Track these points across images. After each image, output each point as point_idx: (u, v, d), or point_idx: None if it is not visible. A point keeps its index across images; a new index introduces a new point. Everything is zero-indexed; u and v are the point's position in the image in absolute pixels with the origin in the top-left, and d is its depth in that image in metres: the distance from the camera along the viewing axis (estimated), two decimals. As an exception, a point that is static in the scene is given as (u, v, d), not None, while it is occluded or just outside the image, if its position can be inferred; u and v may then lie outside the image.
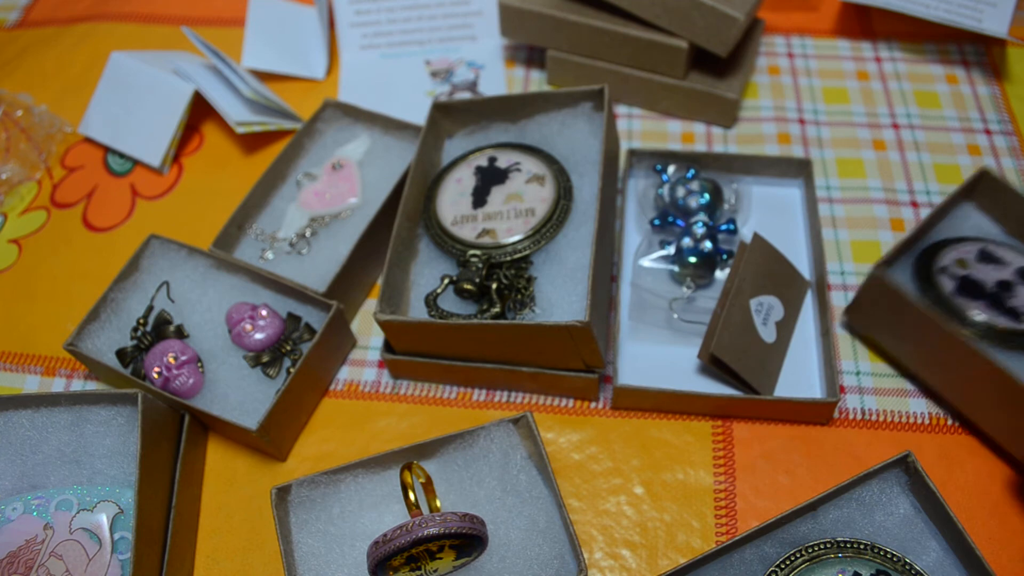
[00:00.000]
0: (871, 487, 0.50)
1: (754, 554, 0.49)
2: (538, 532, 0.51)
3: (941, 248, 0.60)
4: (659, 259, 0.66)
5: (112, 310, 0.63)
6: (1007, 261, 0.59)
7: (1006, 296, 0.57)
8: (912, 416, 0.60)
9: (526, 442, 0.54)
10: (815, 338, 0.63)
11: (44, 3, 0.98)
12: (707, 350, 0.58)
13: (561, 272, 0.60)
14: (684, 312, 0.63)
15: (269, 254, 0.68)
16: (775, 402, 0.58)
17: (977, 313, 0.56)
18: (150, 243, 0.65)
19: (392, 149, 0.74)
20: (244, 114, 0.77)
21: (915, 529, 0.49)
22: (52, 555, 0.50)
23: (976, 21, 0.79)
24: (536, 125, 0.69)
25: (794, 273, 0.65)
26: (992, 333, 0.55)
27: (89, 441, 0.55)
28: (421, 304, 0.61)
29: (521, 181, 0.64)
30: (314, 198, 0.71)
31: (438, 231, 0.63)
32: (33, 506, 0.51)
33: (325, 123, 0.76)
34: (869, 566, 0.47)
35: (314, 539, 0.51)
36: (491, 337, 0.56)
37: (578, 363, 0.58)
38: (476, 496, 0.53)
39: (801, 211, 0.71)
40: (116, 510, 0.51)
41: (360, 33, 0.87)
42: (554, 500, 0.52)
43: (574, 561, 0.50)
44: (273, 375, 0.61)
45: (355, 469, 0.53)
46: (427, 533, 0.45)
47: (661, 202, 0.68)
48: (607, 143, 0.63)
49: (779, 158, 0.71)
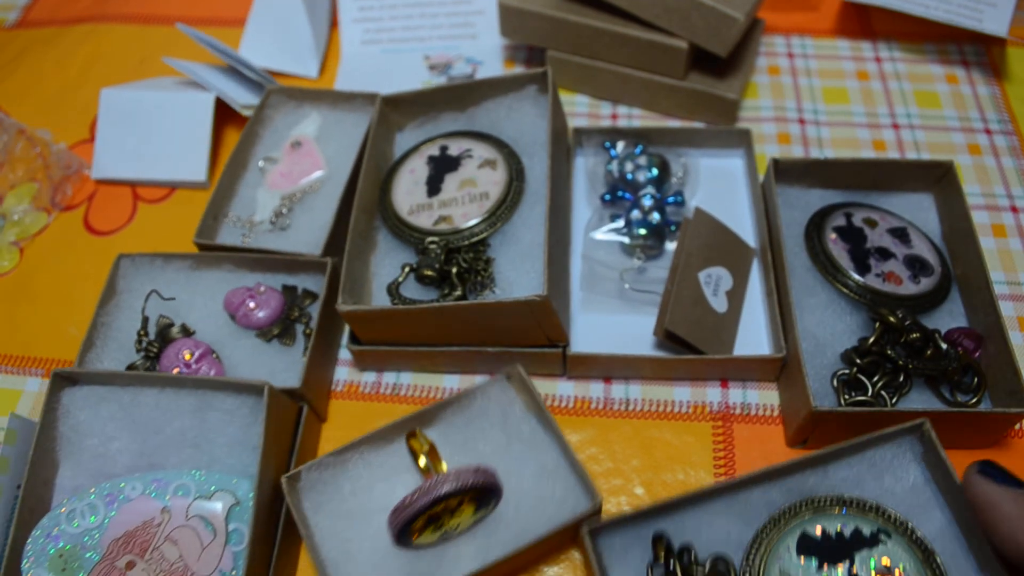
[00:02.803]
0: (884, 451, 0.50)
1: (761, 498, 0.50)
2: (548, 474, 0.53)
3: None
4: (610, 231, 0.67)
5: (104, 334, 0.62)
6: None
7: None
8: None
9: (521, 395, 0.56)
10: (761, 300, 0.65)
11: (43, 3, 0.98)
12: (661, 326, 0.60)
13: (518, 252, 0.62)
14: (635, 282, 0.65)
15: (250, 239, 0.69)
16: (724, 361, 0.59)
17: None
18: (119, 263, 0.64)
19: (344, 122, 0.76)
20: (247, 97, 0.79)
21: (922, 497, 0.49)
22: (168, 539, 0.50)
23: (976, 21, 0.78)
24: (484, 112, 0.70)
25: (739, 242, 0.66)
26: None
27: (211, 428, 0.55)
28: (383, 295, 0.62)
29: (473, 167, 0.65)
30: (280, 178, 0.72)
31: (395, 222, 0.64)
32: (152, 488, 0.52)
33: (273, 109, 0.77)
34: (871, 524, 0.47)
35: (331, 519, 0.52)
36: (455, 319, 0.57)
37: (541, 339, 0.59)
38: (482, 453, 0.55)
39: (744, 180, 0.72)
40: (233, 500, 0.51)
41: (362, 28, 0.89)
42: (558, 443, 0.53)
43: (587, 496, 0.51)
44: (290, 343, 0.62)
45: (359, 446, 0.54)
46: (445, 491, 0.46)
47: (611, 178, 0.70)
48: (553, 123, 0.64)
49: (720, 130, 0.72)
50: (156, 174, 0.77)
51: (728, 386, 0.62)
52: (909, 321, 0.57)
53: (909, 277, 0.61)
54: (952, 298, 0.62)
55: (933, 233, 0.66)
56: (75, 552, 0.49)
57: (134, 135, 0.78)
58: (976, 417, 0.53)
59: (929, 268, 0.62)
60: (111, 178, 0.78)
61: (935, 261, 0.62)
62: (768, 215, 0.65)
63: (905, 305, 0.59)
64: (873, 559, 0.46)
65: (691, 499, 0.49)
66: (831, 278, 0.61)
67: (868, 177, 0.67)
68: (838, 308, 0.61)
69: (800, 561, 0.46)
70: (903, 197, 0.68)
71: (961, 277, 0.62)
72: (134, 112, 0.78)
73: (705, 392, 0.62)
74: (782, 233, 0.62)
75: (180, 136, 0.77)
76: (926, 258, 0.62)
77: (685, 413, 0.61)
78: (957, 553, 0.47)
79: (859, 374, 0.56)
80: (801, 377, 0.54)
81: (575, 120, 0.80)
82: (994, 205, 0.71)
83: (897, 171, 0.66)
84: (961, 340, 0.57)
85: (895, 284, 0.60)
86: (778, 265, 0.62)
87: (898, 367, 0.56)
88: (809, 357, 0.58)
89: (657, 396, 0.62)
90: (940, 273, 0.62)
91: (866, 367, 0.57)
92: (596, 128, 0.73)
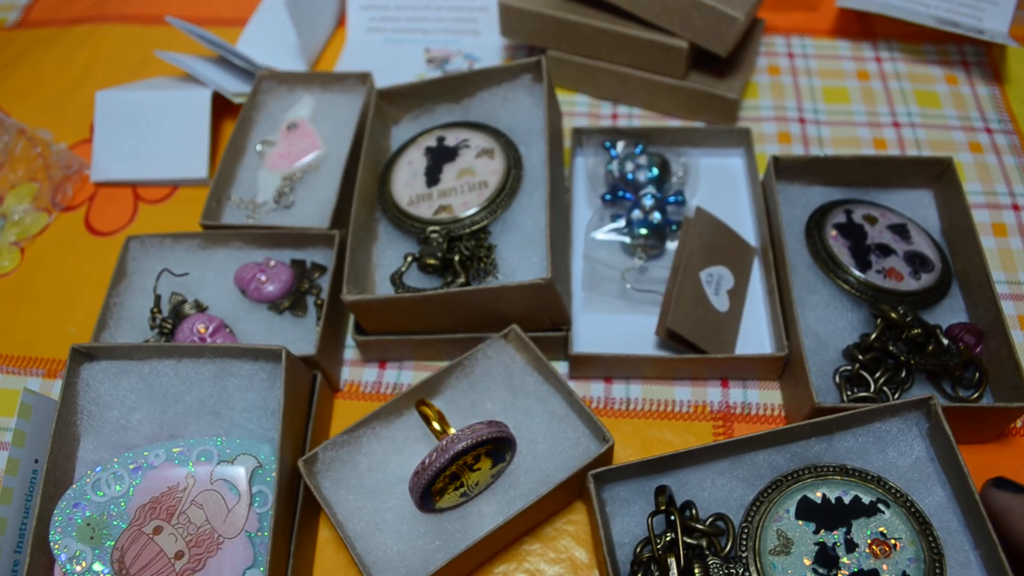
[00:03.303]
0: (890, 424, 0.51)
1: (765, 460, 0.51)
2: (558, 420, 0.55)
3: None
4: (611, 231, 0.67)
5: (117, 314, 0.63)
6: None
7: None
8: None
9: (521, 352, 0.57)
10: (763, 298, 0.65)
11: (44, 4, 0.98)
12: (664, 326, 0.60)
13: (519, 238, 0.62)
14: (637, 282, 0.65)
15: (254, 219, 0.70)
16: (726, 360, 0.59)
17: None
18: (128, 245, 0.66)
19: (336, 103, 0.77)
20: (238, 86, 0.80)
21: (924, 472, 0.49)
22: (193, 503, 0.51)
23: (976, 20, 0.79)
24: (479, 102, 0.70)
25: (740, 241, 0.66)
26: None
27: (231, 394, 0.55)
28: (387, 284, 0.62)
29: (471, 156, 0.66)
30: (280, 160, 0.73)
31: (395, 213, 0.65)
32: (175, 454, 0.52)
33: (266, 94, 0.78)
34: (872, 493, 0.48)
35: (353, 494, 0.53)
36: (459, 306, 0.58)
37: (546, 322, 0.60)
38: (491, 412, 0.57)
39: (744, 179, 0.72)
40: (255, 463, 0.52)
41: (368, 16, 0.90)
42: (563, 392, 0.55)
43: (598, 436, 0.53)
44: (301, 314, 0.63)
45: (371, 422, 0.55)
46: (461, 447, 0.47)
47: (611, 178, 0.70)
48: (549, 110, 0.64)
49: (721, 129, 0.72)
50: (156, 174, 0.78)
51: (728, 385, 0.62)
52: (910, 317, 0.57)
53: (910, 273, 0.61)
54: (952, 294, 0.62)
55: (933, 229, 0.66)
56: (102, 520, 0.50)
57: (132, 136, 0.78)
58: (977, 412, 0.53)
59: (929, 264, 0.62)
60: (111, 180, 0.78)
61: (935, 257, 0.62)
62: (769, 213, 0.65)
63: (906, 301, 0.59)
64: (870, 528, 0.47)
65: (696, 456, 0.50)
66: (832, 275, 0.61)
67: (868, 174, 0.67)
68: (839, 305, 0.60)
69: (799, 524, 0.47)
70: (903, 194, 0.68)
71: (961, 273, 0.62)
72: (131, 113, 0.78)
73: (706, 392, 0.62)
74: (783, 231, 0.62)
75: (179, 135, 0.77)
76: (926, 254, 0.62)
77: (686, 413, 0.61)
78: (955, 529, 0.47)
79: (861, 370, 0.56)
80: (804, 374, 0.54)
81: (575, 120, 0.80)
82: (995, 203, 0.71)
83: (897, 168, 0.66)
84: (962, 336, 0.57)
85: (896, 280, 0.60)
86: (779, 263, 0.62)
87: (900, 363, 0.56)
88: (811, 354, 0.58)
89: (658, 396, 0.62)
90: (940, 269, 0.62)
91: (868, 363, 0.57)
92: (596, 128, 0.73)
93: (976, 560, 0.46)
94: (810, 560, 0.46)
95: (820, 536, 0.47)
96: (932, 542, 0.46)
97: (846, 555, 0.46)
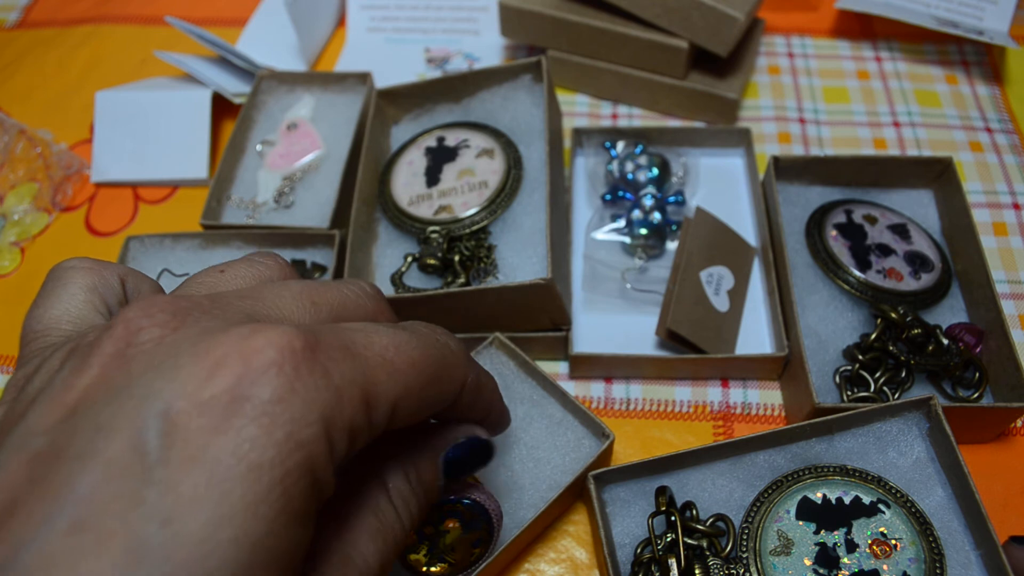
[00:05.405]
0: (890, 424, 0.51)
1: (765, 460, 0.51)
2: (557, 424, 0.55)
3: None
4: (611, 231, 0.68)
5: None
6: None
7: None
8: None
9: (511, 359, 0.57)
10: (763, 298, 0.65)
11: (44, 4, 0.98)
12: (664, 326, 0.60)
13: (519, 238, 0.62)
14: (637, 282, 0.65)
15: (255, 219, 0.70)
16: (726, 360, 0.59)
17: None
18: (128, 245, 0.66)
19: (336, 103, 0.77)
20: (238, 86, 0.80)
21: (924, 473, 0.49)
22: None
23: (976, 20, 0.79)
24: (479, 102, 0.70)
25: (740, 241, 0.66)
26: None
27: None
28: (387, 285, 0.62)
29: (471, 156, 0.66)
30: (280, 159, 0.73)
31: (395, 213, 0.65)
32: None
33: (265, 94, 0.78)
34: (872, 493, 0.48)
35: None
36: (460, 306, 0.58)
37: (545, 322, 0.60)
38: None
39: (744, 179, 0.72)
40: None
41: (368, 16, 0.90)
42: (559, 396, 0.55)
43: (598, 434, 0.53)
44: None
45: None
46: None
47: (611, 178, 0.70)
48: (549, 110, 0.64)
49: (721, 129, 0.72)
50: (156, 174, 0.77)
51: (729, 385, 0.62)
52: (910, 317, 0.57)
53: (910, 273, 0.61)
54: (953, 294, 0.62)
55: (933, 229, 0.66)
56: None
57: (132, 136, 0.78)
58: (978, 412, 0.53)
59: (929, 264, 0.62)
60: (111, 180, 0.78)
61: (935, 257, 0.62)
62: (769, 213, 0.65)
63: (906, 301, 0.59)
64: (870, 528, 0.47)
65: (697, 456, 0.50)
66: (832, 275, 0.61)
67: (868, 174, 0.67)
68: (839, 305, 0.60)
69: (799, 524, 0.47)
70: (903, 193, 0.68)
71: (961, 273, 0.62)
72: (131, 113, 0.78)
73: (706, 392, 0.62)
74: (783, 231, 0.62)
75: (179, 135, 0.77)
76: (926, 254, 0.62)
77: (686, 413, 0.61)
78: (955, 529, 0.47)
79: (861, 370, 0.56)
80: (804, 374, 0.54)
81: (575, 120, 0.80)
82: (996, 202, 0.71)
83: (897, 168, 0.66)
84: (962, 335, 0.57)
85: (896, 280, 0.60)
86: (779, 263, 0.62)
87: (900, 363, 0.56)
88: (811, 354, 0.58)
89: (658, 396, 0.62)
90: (940, 269, 0.62)
91: (868, 363, 0.57)
92: (596, 128, 0.73)
93: (976, 560, 0.46)
94: (811, 560, 0.46)
95: (820, 536, 0.47)
96: (932, 542, 0.46)
97: (847, 555, 0.46)
